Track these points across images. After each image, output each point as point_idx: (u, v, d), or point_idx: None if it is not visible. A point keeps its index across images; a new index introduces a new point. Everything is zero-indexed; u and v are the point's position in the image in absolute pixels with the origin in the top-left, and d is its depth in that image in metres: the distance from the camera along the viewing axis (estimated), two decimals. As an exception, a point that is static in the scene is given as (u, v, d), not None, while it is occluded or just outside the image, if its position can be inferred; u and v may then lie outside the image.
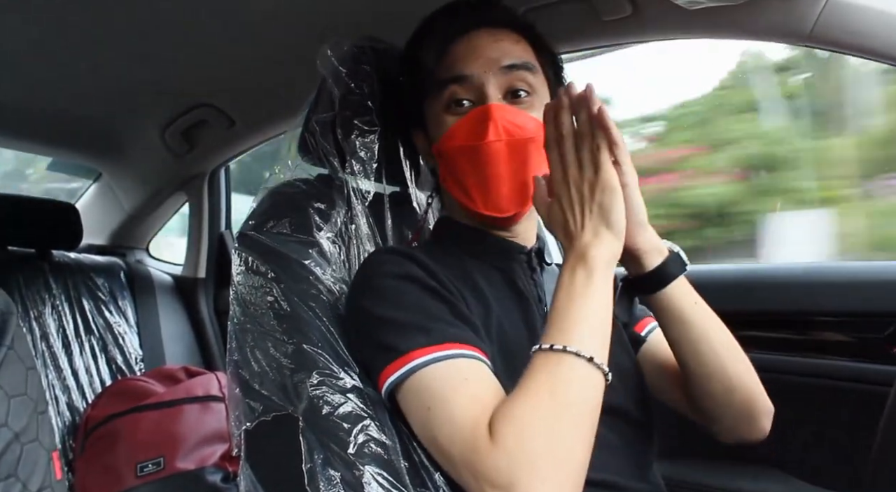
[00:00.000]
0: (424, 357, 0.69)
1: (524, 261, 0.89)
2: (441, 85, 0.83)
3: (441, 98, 0.83)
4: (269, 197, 0.89)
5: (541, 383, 0.64)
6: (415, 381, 0.69)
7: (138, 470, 1.40)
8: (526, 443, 0.60)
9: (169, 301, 2.02)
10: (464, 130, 0.81)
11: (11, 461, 0.40)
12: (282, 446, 0.75)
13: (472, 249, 0.87)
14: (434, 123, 0.85)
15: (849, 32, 0.94)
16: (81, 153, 1.97)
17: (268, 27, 1.27)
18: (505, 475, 0.60)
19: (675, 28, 1.11)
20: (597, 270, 0.69)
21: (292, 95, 0.99)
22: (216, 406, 1.55)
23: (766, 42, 1.06)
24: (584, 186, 0.70)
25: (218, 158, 1.96)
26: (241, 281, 0.83)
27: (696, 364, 0.82)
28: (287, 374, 0.76)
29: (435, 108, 0.84)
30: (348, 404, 0.73)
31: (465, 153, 0.81)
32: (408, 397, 0.70)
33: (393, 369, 0.70)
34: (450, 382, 0.67)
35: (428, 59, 0.84)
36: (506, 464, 0.60)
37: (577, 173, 0.71)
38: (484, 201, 0.82)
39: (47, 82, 1.47)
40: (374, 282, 0.76)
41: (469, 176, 0.82)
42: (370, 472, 0.70)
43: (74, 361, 1.68)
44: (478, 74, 0.81)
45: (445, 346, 0.69)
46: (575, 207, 0.71)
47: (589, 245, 0.70)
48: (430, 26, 0.87)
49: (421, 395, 0.69)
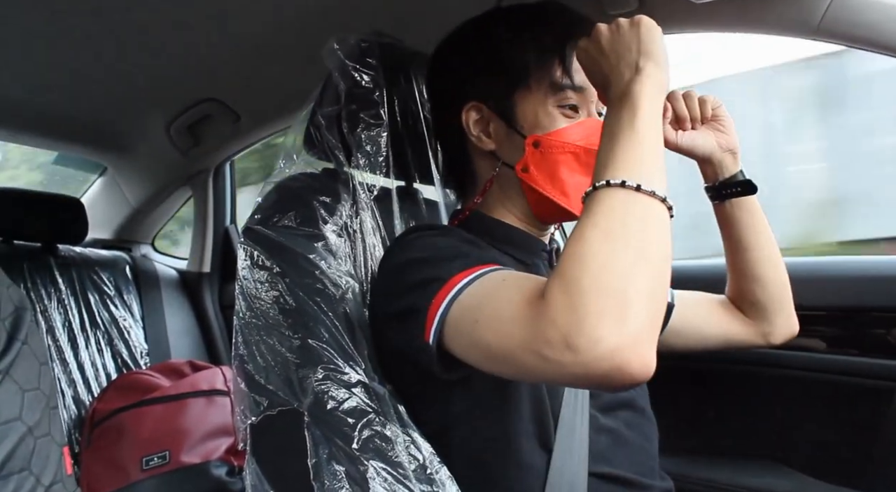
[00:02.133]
0: (467, 277, 0.66)
1: (546, 259, 0.91)
2: (560, 87, 0.83)
3: (553, 96, 0.83)
4: (274, 191, 0.89)
5: (589, 225, 0.58)
6: (461, 304, 0.65)
7: (144, 464, 1.40)
8: (576, 287, 0.54)
9: (174, 296, 2.03)
10: (583, 133, 0.83)
11: (25, 455, 0.41)
12: (287, 440, 0.75)
13: (497, 241, 0.87)
14: (538, 115, 0.84)
15: (857, 26, 0.93)
16: (87, 148, 1.97)
17: (273, 22, 1.26)
18: (562, 325, 0.53)
19: (681, 22, 1.11)
20: (641, 104, 0.66)
21: (297, 90, 0.99)
22: (221, 400, 1.56)
23: (774, 36, 1.06)
24: (620, 27, 0.72)
25: (223, 153, 1.96)
26: (247, 276, 0.83)
27: (759, 248, 0.98)
28: (292, 368, 0.76)
29: (542, 101, 0.84)
30: (353, 399, 0.73)
31: (581, 155, 0.82)
32: (458, 323, 0.65)
33: (440, 299, 0.66)
34: (494, 287, 0.65)
35: (546, 52, 0.84)
36: (559, 313, 0.54)
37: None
38: (576, 200, 0.82)
39: (53, 77, 1.47)
40: (411, 242, 0.77)
41: (573, 174, 0.83)
42: (374, 466, 0.70)
43: (80, 355, 1.69)
44: (592, 91, 0.83)
45: (483, 266, 0.68)
46: (602, 64, 0.72)
47: (629, 82, 0.68)
48: (541, 19, 0.86)
49: (469, 311, 0.64)
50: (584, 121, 0.84)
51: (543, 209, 0.86)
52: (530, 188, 0.84)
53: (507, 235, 0.88)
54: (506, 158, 0.87)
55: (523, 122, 0.85)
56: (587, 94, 0.84)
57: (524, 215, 0.89)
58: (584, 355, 0.52)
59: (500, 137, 0.87)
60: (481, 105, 0.87)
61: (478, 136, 0.88)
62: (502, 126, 0.86)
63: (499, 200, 0.89)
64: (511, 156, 0.86)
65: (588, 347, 0.52)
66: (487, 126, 0.87)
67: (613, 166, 0.62)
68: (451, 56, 0.91)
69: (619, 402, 0.84)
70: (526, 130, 0.84)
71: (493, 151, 0.88)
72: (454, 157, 0.94)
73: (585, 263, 0.55)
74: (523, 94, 0.84)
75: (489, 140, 0.87)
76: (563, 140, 0.82)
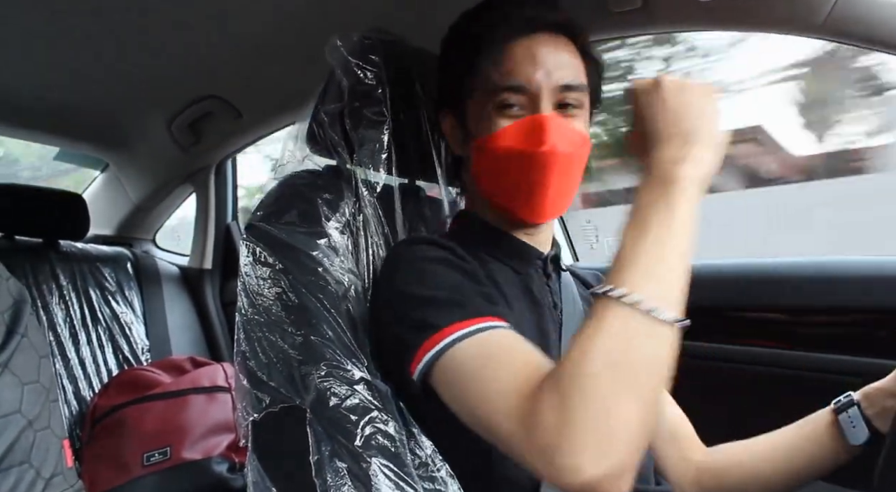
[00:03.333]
0: (462, 330, 0.66)
1: (540, 266, 0.89)
2: (495, 89, 0.80)
3: (492, 99, 0.81)
4: (277, 188, 0.89)
5: (594, 338, 0.57)
6: (453, 357, 0.66)
7: (145, 460, 1.41)
8: (567, 408, 0.54)
9: (175, 292, 2.03)
10: (517, 134, 0.79)
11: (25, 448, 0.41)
12: (289, 437, 0.75)
13: (492, 250, 0.87)
14: (479, 118, 0.83)
15: (862, 24, 0.93)
16: (88, 144, 1.97)
17: (275, 18, 1.26)
18: (547, 440, 0.54)
19: (685, 19, 1.11)
20: (681, 195, 0.60)
21: (299, 87, 0.99)
22: (222, 397, 1.56)
23: (778, 34, 1.06)
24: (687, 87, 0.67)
25: (224, 150, 1.96)
26: (249, 272, 0.83)
27: None
28: (295, 365, 0.76)
29: (484, 105, 0.82)
30: (356, 396, 0.73)
31: (516, 157, 0.79)
32: (446, 374, 0.66)
33: (430, 345, 0.66)
34: (488, 355, 0.64)
35: (481, 55, 0.82)
36: (546, 430, 0.55)
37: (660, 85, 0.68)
38: (525, 205, 0.81)
39: (54, 73, 1.47)
40: (407, 264, 0.76)
41: (514, 178, 0.81)
42: (377, 464, 0.70)
43: (81, 350, 1.69)
44: (535, 86, 0.79)
45: (481, 319, 0.67)
46: (657, 117, 0.67)
47: (673, 161, 0.62)
48: (487, 16, 0.84)
49: (460, 370, 0.65)
50: (520, 121, 0.80)
51: (502, 213, 0.86)
52: (485, 193, 0.86)
53: (496, 241, 0.87)
54: (469, 164, 0.88)
55: (473, 128, 0.85)
56: (530, 90, 0.79)
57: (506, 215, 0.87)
58: (562, 475, 0.54)
59: (463, 145, 0.89)
60: (448, 113, 0.90)
61: (452, 142, 0.91)
62: (460, 132, 0.88)
63: (482, 204, 0.90)
64: (471, 162, 0.87)
65: (567, 470, 0.53)
66: (457, 133, 0.89)
67: (633, 272, 0.59)
68: (440, 60, 0.92)
69: None
70: (474, 136, 0.85)
71: (459, 158, 0.91)
72: (454, 156, 0.95)
73: (582, 385, 0.55)
74: (471, 101, 0.85)
75: (460, 146, 0.90)
76: (501, 144, 0.80)
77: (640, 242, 0.60)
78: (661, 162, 0.63)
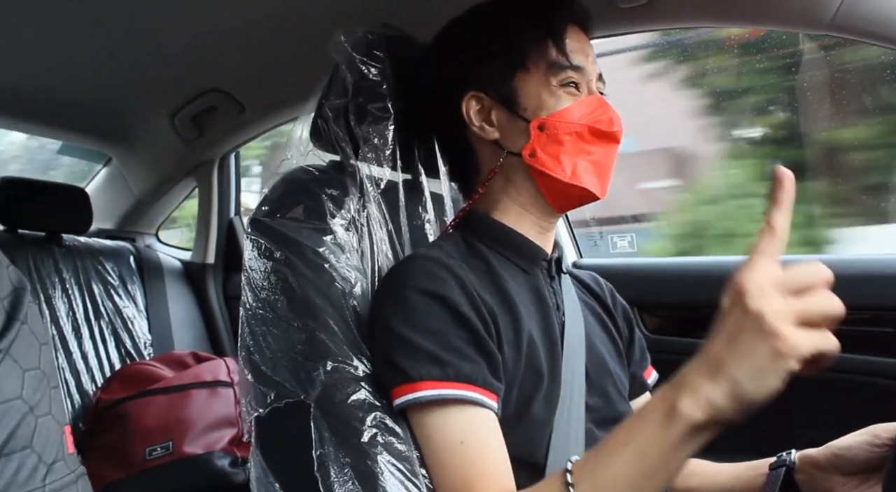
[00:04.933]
0: (433, 391, 0.69)
1: (545, 268, 0.89)
2: (558, 67, 0.83)
3: (556, 76, 0.83)
4: (281, 183, 0.89)
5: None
6: (421, 413, 0.71)
7: (147, 454, 1.41)
8: None
9: (178, 286, 2.03)
10: (585, 111, 0.83)
11: (27, 434, 0.41)
12: (293, 432, 0.75)
13: (500, 247, 0.86)
14: (542, 96, 0.83)
15: (871, 21, 0.92)
16: (91, 138, 1.97)
17: (279, 13, 1.26)
18: None
19: (692, 15, 1.10)
20: (675, 435, 0.56)
21: (302, 82, 0.98)
22: (224, 391, 1.56)
23: (785, 30, 1.05)
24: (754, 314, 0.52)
25: (227, 145, 1.96)
26: (254, 266, 0.83)
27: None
28: (300, 360, 0.76)
29: (546, 83, 0.83)
30: (361, 393, 0.73)
31: (584, 133, 0.82)
32: (413, 421, 0.73)
33: (401, 392, 0.71)
34: (451, 436, 0.70)
35: (531, 35, 0.84)
36: None
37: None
38: (588, 179, 0.82)
39: (58, 66, 1.47)
40: (402, 293, 0.74)
41: (580, 153, 0.82)
42: (382, 460, 0.69)
43: (84, 344, 1.70)
44: (589, 69, 0.85)
45: (456, 385, 0.69)
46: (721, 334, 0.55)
47: (686, 389, 0.55)
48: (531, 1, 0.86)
49: (424, 429, 0.71)
50: (585, 98, 0.83)
51: (555, 193, 0.84)
52: (540, 173, 0.83)
53: (506, 239, 0.87)
54: (510, 146, 0.85)
55: (526, 106, 0.84)
56: (585, 72, 0.84)
57: (531, 206, 0.86)
58: None
59: (502, 125, 0.85)
60: (481, 94, 0.86)
61: (480, 126, 0.86)
62: (504, 113, 0.85)
63: (503, 192, 0.87)
64: (515, 143, 0.84)
65: None
66: (489, 115, 0.86)
67: (593, 475, 0.61)
68: (446, 46, 0.90)
69: (616, 417, 0.82)
70: (529, 115, 0.83)
71: (496, 141, 0.86)
72: (454, 149, 0.93)
73: None
74: (523, 78, 0.84)
75: (492, 129, 0.86)
76: (568, 120, 0.82)
77: (618, 453, 0.61)
78: (678, 383, 0.57)
